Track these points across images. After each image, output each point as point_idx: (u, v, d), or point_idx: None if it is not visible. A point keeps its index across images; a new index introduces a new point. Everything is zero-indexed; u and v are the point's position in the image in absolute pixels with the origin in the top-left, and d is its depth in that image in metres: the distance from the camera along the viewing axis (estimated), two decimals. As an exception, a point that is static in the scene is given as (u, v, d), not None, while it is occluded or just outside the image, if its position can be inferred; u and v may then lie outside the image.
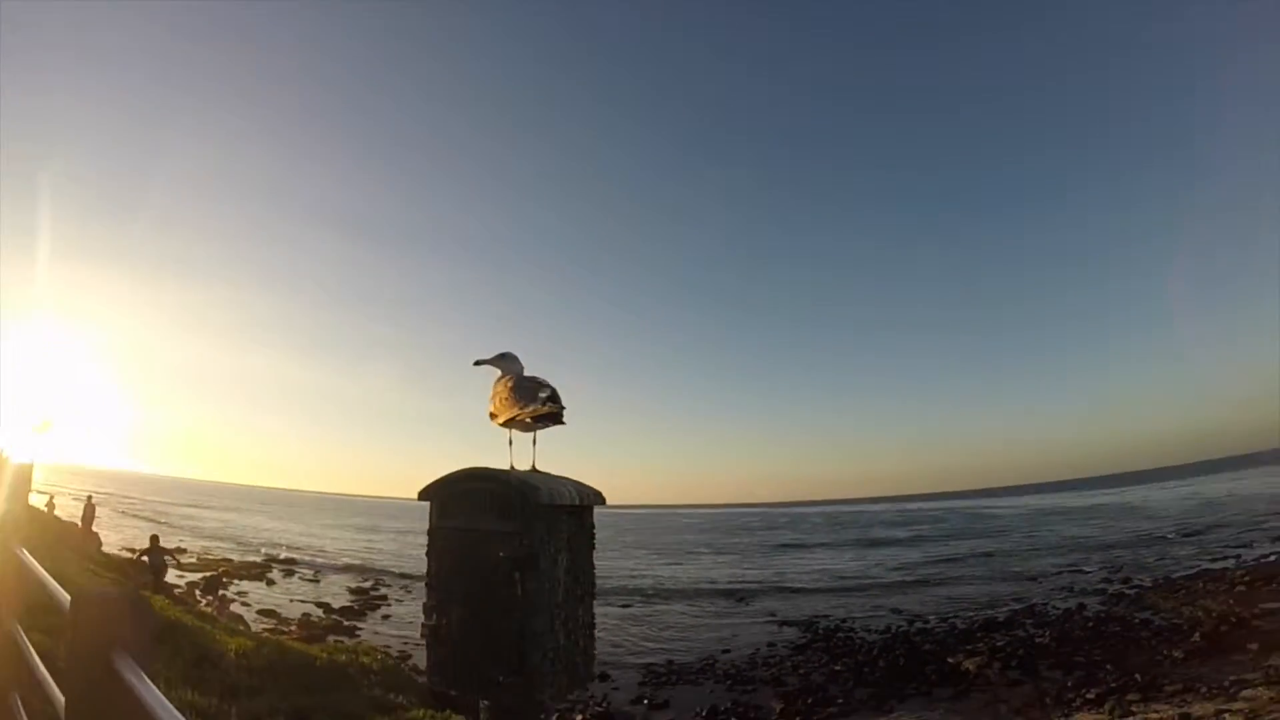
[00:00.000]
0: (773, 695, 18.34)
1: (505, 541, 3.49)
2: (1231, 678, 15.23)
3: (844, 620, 28.60)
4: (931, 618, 27.81)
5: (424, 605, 3.77)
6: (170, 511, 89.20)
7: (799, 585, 40.24)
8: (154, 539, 21.96)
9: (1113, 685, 15.67)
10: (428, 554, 3.73)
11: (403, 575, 43.74)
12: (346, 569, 48.30)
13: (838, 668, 20.66)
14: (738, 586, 40.80)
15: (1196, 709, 13.51)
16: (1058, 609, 26.35)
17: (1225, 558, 34.68)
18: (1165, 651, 18.10)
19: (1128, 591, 28.65)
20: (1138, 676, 15.95)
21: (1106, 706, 14.48)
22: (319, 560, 51.95)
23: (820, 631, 26.49)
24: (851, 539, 72.82)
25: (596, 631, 3.94)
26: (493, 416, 3.95)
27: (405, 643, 23.27)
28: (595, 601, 3.99)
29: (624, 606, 33.49)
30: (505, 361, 4.14)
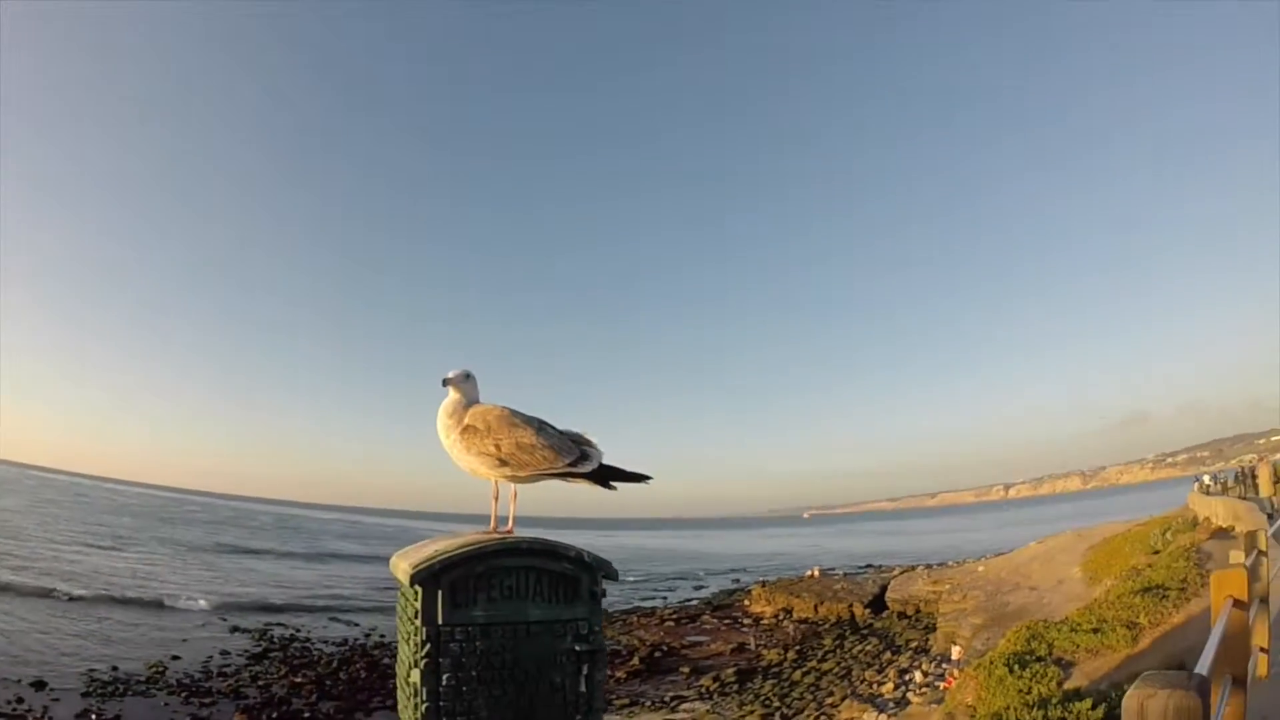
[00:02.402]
0: (234, 709, 17.01)
1: (566, 632, 2.97)
2: (670, 694, 19.13)
3: (299, 630, 27.61)
4: (387, 632, 28.40)
5: None
6: None
7: (250, 591, 37.28)
8: None
9: (565, 701, 18.33)
10: (427, 661, 2.86)
11: None
12: None
13: (299, 679, 19.98)
14: (184, 587, 36.05)
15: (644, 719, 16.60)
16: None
17: (655, 598, 42.30)
18: (609, 673, 21.70)
19: (573, 623, 33.05)
20: (585, 693, 18.95)
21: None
22: None
23: (276, 641, 25.18)
24: (304, 548, 69.90)
25: (28, 630, 3.27)
26: (504, 464, 3.30)
27: None
28: (13, 595, 3.35)
29: (55, 599, 27.46)
30: (469, 385, 3.58)
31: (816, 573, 39.97)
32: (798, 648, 24.55)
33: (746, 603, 34.38)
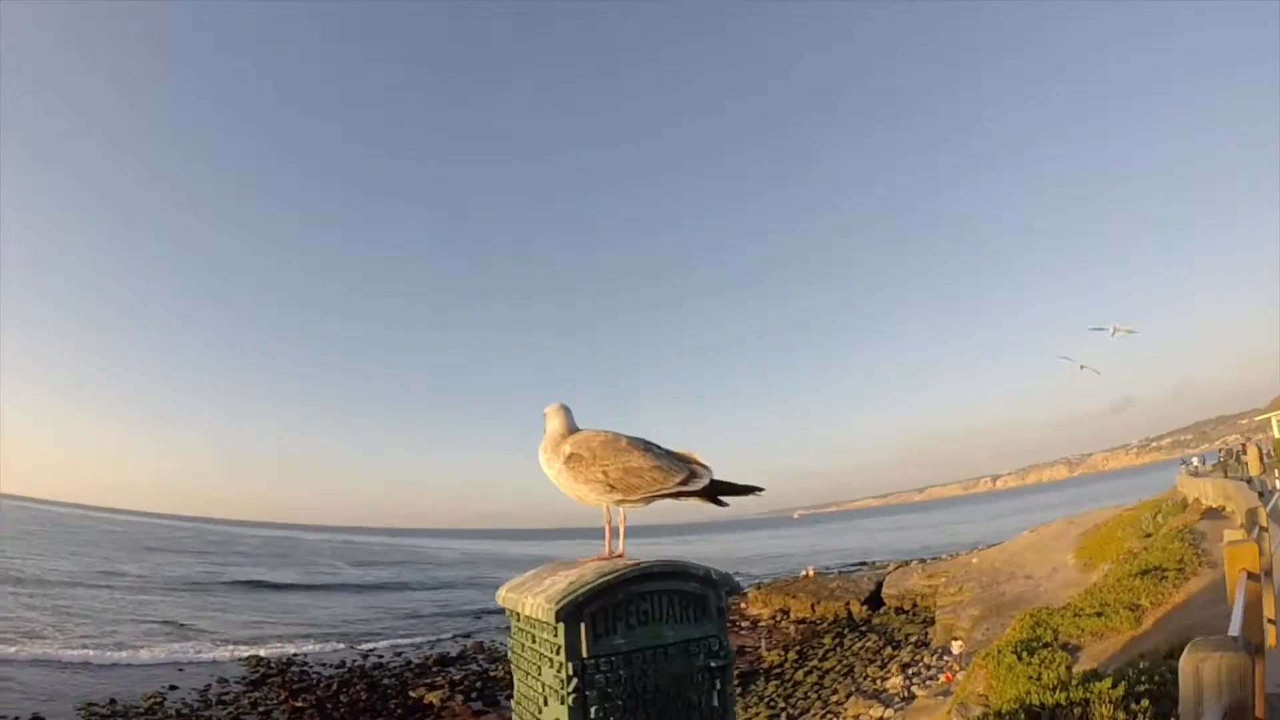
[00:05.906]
0: (236, 737, 16.81)
1: (699, 650, 3.04)
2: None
3: (296, 655, 27.34)
4: (385, 653, 28.26)
5: None
6: None
7: (245, 619, 36.81)
8: None
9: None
10: (574, 695, 2.80)
11: None
12: None
13: (299, 704, 19.77)
14: (173, 617, 35.46)
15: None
16: (505, 645, 28.45)
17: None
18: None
19: (571, 634, 32.87)
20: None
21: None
22: None
23: (273, 666, 24.89)
24: (296, 574, 68.34)
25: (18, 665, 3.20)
26: (614, 489, 3.34)
27: None
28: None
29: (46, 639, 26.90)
30: (566, 416, 3.63)
31: (811, 572, 39.98)
32: (798, 648, 24.53)
33: (743, 605, 34.25)
